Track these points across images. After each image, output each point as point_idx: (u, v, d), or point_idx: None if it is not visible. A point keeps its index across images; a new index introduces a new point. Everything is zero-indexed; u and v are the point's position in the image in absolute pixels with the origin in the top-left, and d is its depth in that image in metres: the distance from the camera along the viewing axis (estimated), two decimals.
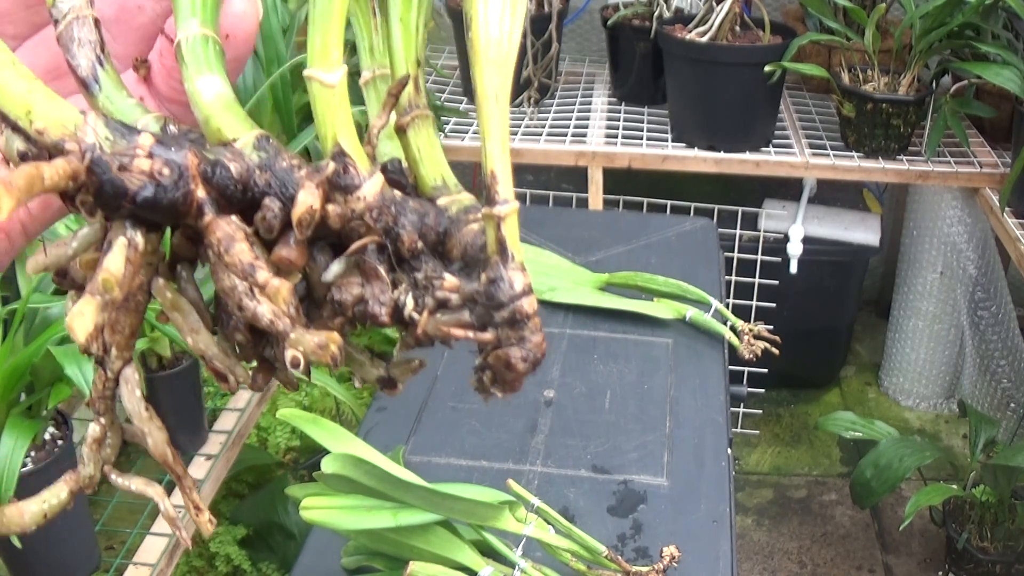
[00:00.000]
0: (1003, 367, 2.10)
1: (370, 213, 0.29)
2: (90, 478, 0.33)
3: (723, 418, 0.98)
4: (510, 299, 0.28)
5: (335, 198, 0.28)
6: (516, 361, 0.28)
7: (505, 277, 0.28)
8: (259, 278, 0.27)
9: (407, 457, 0.92)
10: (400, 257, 0.29)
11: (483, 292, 0.28)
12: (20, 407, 1.03)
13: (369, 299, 0.29)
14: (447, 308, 0.29)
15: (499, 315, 0.28)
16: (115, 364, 0.31)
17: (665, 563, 0.76)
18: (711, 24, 1.71)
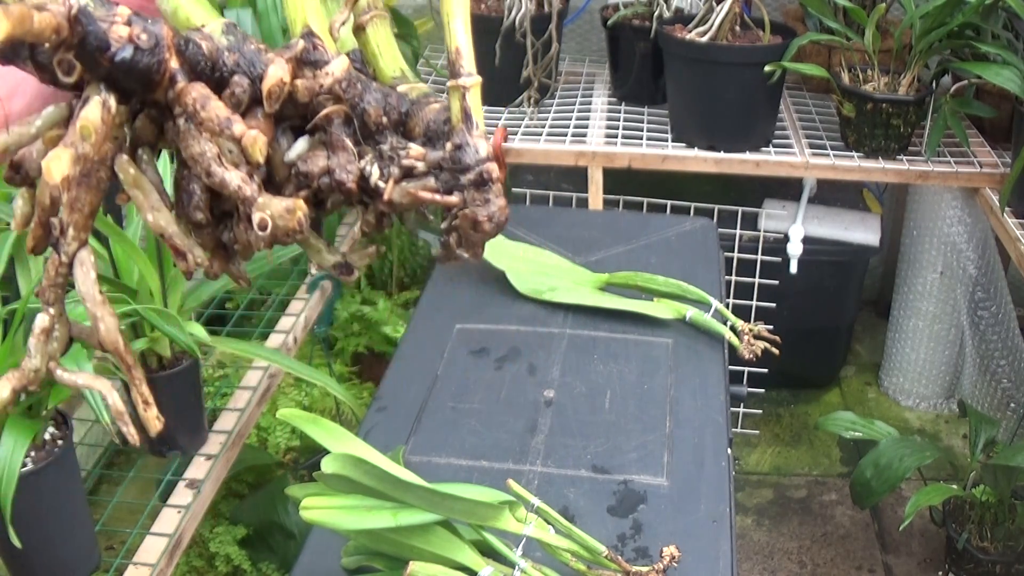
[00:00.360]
0: (1003, 367, 2.09)
1: (338, 86, 0.30)
2: (35, 372, 0.32)
3: (723, 418, 0.98)
4: (476, 162, 0.30)
5: (304, 73, 0.29)
6: (483, 220, 0.30)
7: (471, 143, 0.30)
8: (235, 130, 0.28)
9: (407, 457, 0.92)
10: (365, 133, 0.30)
11: (449, 157, 0.30)
12: (20, 407, 1.02)
13: (335, 168, 0.29)
14: (413, 176, 0.30)
15: (465, 178, 0.30)
16: (71, 246, 0.31)
17: (665, 563, 0.76)
18: (711, 24, 1.71)
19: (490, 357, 1.07)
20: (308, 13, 0.31)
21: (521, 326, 1.12)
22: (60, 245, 0.30)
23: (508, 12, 1.82)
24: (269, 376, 1.42)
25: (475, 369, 1.05)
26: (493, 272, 1.19)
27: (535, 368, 1.05)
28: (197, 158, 0.28)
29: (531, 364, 1.05)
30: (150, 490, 1.43)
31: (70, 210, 0.30)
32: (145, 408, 0.31)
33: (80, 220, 0.30)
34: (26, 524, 0.97)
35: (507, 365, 1.05)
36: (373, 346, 2.02)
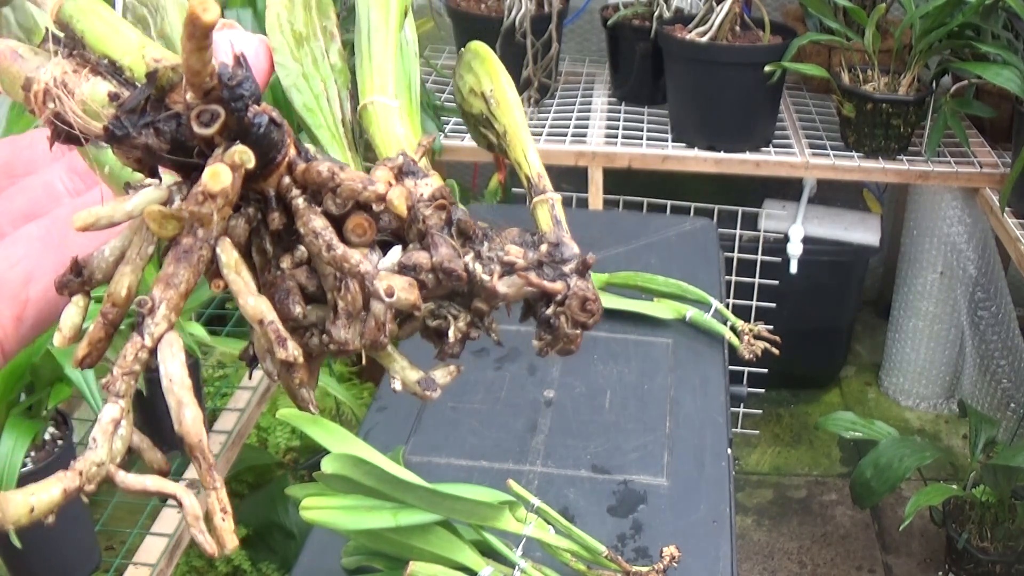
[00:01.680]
0: (1003, 367, 2.10)
1: (438, 194, 0.31)
2: (99, 466, 0.29)
3: (723, 418, 0.98)
4: (575, 255, 0.31)
5: (403, 182, 0.30)
6: (592, 298, 0.31)
7: (566, 241, 0.32)
8: (378, 188, 0.28)
9: (407, 457, 0.92)
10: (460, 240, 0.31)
11: (548, 254, 0.31)
12: (20, 407, 1.03)
13: (443, 260, 0.30)
14: (513, 271, 0.31)
15: (567, 267, 0.31)
16: (160, 326, 0.28)
17: (665, 563, 0.76)
18: (711, 24, 1.71)
19: (490, 357, 1.07)
20: (402, 140, 0.33)
21: (521, 326, 1.12)
22: (145, 326, 0.28)
23: (508, 12, 1.82)
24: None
25: (475, 369, 1.05)
26: None
27: (535, 368, 1.05)
28: (320, 231, 0.28)
29: (531, 364, 1.05)
30: None
31: (165, 287, 0.28)
32: (223, 518, 0.28)
33: (175, 299, 0.28)
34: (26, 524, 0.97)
35: (507, 365, 1.05)
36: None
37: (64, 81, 0.28)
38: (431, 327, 0.33)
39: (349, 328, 0.30)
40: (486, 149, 0.39)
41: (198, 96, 0.26)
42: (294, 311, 0.29)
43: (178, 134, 0.27)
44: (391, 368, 0.32)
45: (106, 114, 0.27)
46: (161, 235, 0.28)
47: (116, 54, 0.28)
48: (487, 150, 0.39)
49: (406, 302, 0.28)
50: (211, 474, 0.29)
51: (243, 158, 0.26)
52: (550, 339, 0.32)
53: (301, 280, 0.30)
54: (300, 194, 0.29)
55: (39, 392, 1.03)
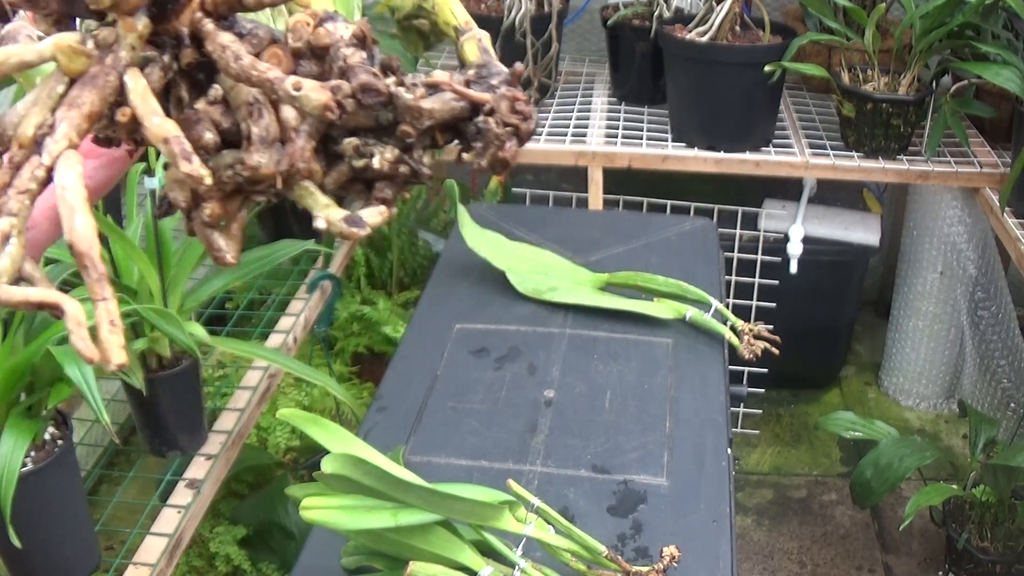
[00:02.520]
0: (1003, 367, 2.09)
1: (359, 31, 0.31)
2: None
3: (723, 418, 0.98)
4: (503, 71, 0.32)
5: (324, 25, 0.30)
6: (522, 97, 0.31)
7: (494, 62, 0.32)
8: None
9: (407, 457, 0.92)
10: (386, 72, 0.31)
11: (476, 74, 0.31)
12: (20, 407, 1.02)
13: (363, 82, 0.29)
14: (439, 89, 0.31)
15: (497, 79, 0.31)
16: (58, 144, 0.28)
17: (665, 563, 0.76)
18: (711, 24, 1.71)
19: (490, 357, 1.07)
20: None
21: (521, 326, 1.12)
22: (44, 146, 0.27)
23: (508, 12, 1.82)
24: (269, 376, 1.42)
25: (475, 369, 1.05)
26: (493, 272, 1.19)
27: (535, 368, 1.05)
28: (228, 44, 0.28)
29: (531, 364, 1.05)
30: (150, 490, 1.43)
31: (68, 107, 0.27)
32: (111, 330, 0.26)
33: (76, 119, 0.27)
34: (26, 524, 0.97)
35: (507, 365, 1.05)
36: (373, 346, 2.02)
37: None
38: (357, 168, 0.32)
39: (263, 152, 0.29)
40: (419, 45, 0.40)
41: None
42: (204, 136, 0.29)
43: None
44: (314, 205, 0.31)
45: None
46: (70, 70, 0.28)
47: None
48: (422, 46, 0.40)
49: (317, 101, 0.28)
50: (100, 285, 0.28)
51: None
52: (480, 147, 0.32)
53: (215, 117, 0.29)
54: (212, 20, 0.29)
55: (39, 392, 1.03)
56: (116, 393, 1.47)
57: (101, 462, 1.67)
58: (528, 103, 0.31)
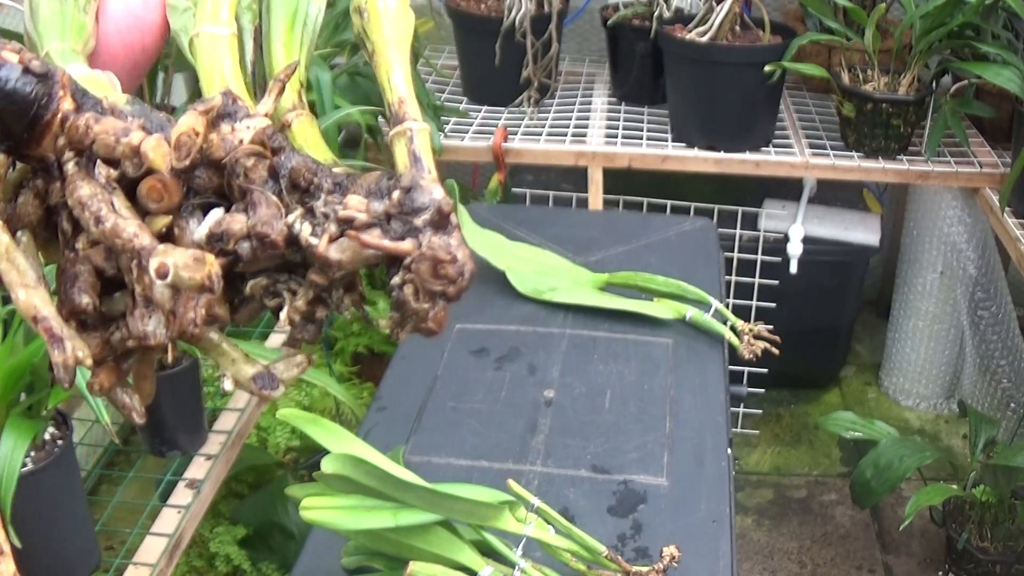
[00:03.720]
0: (1003, 367, 2.09)
1: (262, 138, 0.25)
2: None
3: (723, 418, 0.98)
4: (432, 202, 0.25)
5: (220, 128, 0.25)
6: (445, 258, 0.24)
7: (423, 184, 0.25)
8: (132, 139, 0.23)
9: (407, 457, 0.92)
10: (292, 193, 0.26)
11: (397, 203, 0.25)
12: (20, 407, 1.02)
13: (257, 223, 0.25)
14: (353, 229, 0.25)
15: (420, 219, 0.25)
16: None
17: (665, 563, 0.76)
18: (711, 24, 1.71)
19: (490, 357, 1.07)
20: (228, 75, 0.27)
21: (521, 326, 1.12)
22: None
23: (508, 12, 1.82)
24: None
25: (475, 369, 1.05)
26: (493, 272, 1.19)
27: (535, 368, 1.05)
28: (86, 202, 0.23)
29: (531, 364, 1.05)
30: (150, 490, 1.43)
31: None
32: None
33: None
34: (26, 524, 0.97)
35: (507, 365, 1.05)
36: (373, 346, 2.02)
37: None
38: (270, 307, 0.28)
39: (149, 317, 0.25)
40: None
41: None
42: (80, 302, 0.25)
43: None
44: (221, 363, 0.28)
45: None
46: None
47: None
48: None
49: (191, 282, 0.23)
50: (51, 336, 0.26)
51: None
52: (398, 317, 0.26)
53: (98, 262, 0.25)
54: (73, 156, 0.24)
55: (39, 392, 1.03)
56: None
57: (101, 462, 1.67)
58: (455, 262, 0.25)
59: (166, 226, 0.25)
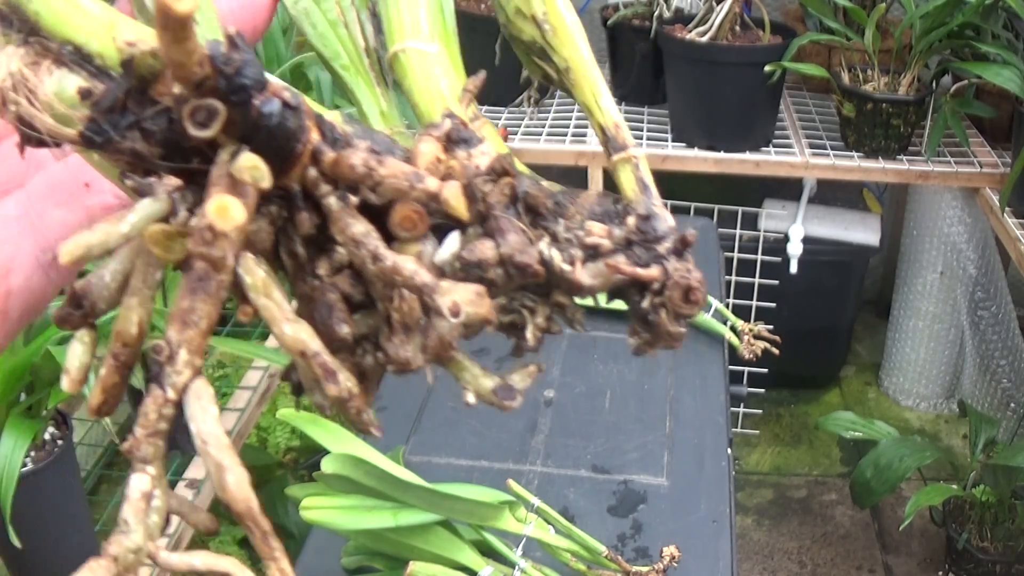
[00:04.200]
0: (1003, 367, 2.10)
1: (499, 165, 0.25)
2: (135, 552, 0.23)
3: (723, 418, 0.98)
4: (670, 229, 0.26)
5: (457, 154, 0.25)
6: (696, 286, 0.26)
7: (658, 212, 0.26)
8: (428, 184, 0.23)
9: (407, 457, 0.92)
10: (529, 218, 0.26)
11: (638, 230, 0.25)
12: (20, 407, 1.02)
13: (513, 252, 0.24)
14: (599, 256, 0.25)
15: (662, 247, 0.26)
16: (182, 375, 0.23)
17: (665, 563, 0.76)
18: (711, 24, 1.71)
19: (490, 357, 1.07)
20: (447, 95, 0.27)
21: None
22: (165, 376, 0.22)
23: None
24: (269, 376, 1.42)
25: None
26: None
27: None
28: (361, 239, 0.23)
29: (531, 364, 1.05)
30: None
31: (182, 326, 0.23)
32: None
33: (196, 339, 0.23)
34: (26, 524, 0.97)
35: (507, 364, 1.05)
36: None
37: (24, 77, 0.22)
38: (504, 323, 0.28)
39: (408, 343, 0.26)
40: (543, 81, 0.31)
41: (188, 89, 0.21)
42: (340, 331, 0.24)
43: (171, 133, 0.22)
44: (461, 377, 0.28)
45: (79, 116, 0.22)
46: (168, 259, 0.24)
47: (80, 38, 0.23)
48: (544, 82, 0.31)
49: (476, 317, 0.23)
50: (267, 542, 0.24)
51: (254, 176, 0.21)
52: (650, 337, 0.27)
53: (344, 288, 0.25)
54: (331, 191, 0.24)
55: (39, 392, 1.03)
56: None
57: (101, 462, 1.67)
58: (701, 288, 0.26)
59: (416, 254, 0.25)
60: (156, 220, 0.23)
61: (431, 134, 0.25)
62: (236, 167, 0.21)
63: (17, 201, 0.28)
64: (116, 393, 0.25)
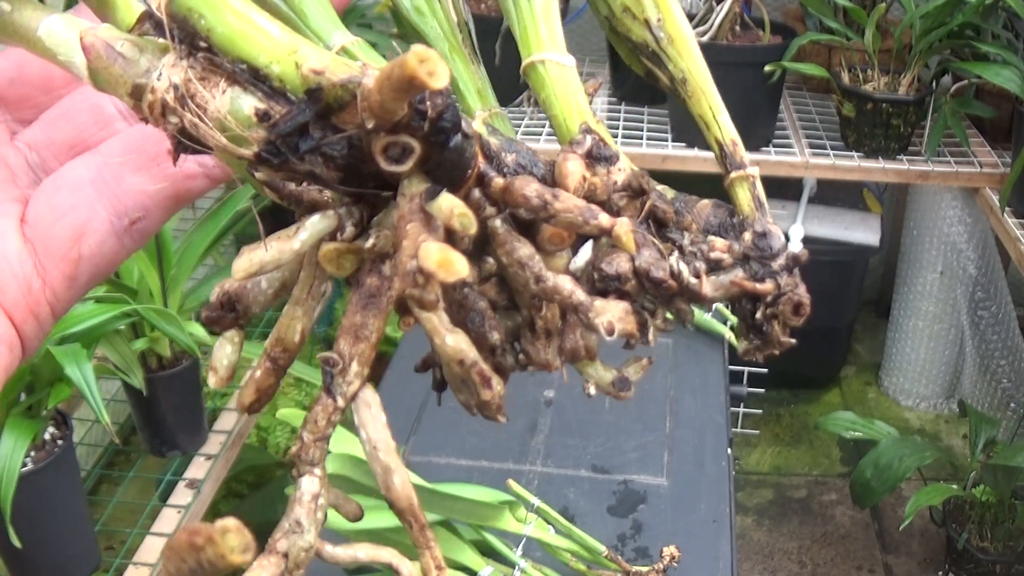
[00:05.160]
0: (1003, 367, 2.10)
1: (635, 181, 0.27)
2: (307, 550, 0.25)
3: (723, 418, 0.98)
4: (783, 247, 0.28)
5: (596, 170, 0.27)
6: (804, 300, 0.28)
7: (772, 230, 0.28)
8: (602, 221, 0.24)
9: (407, 457, 0.92)
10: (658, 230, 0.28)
11: (754, 246, 0.28)
12: (20, 407, 1.02)
13: (649, 266, 0.26)
14: (720, 269, 0.27)
15: (776, 263, 0.28)
16: (353, 384, 0.25)
17: (665, 563, 0.76)
18: (711, 24, 1.71)
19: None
20: (583, 108, 0.28)
21: None
22: (336, 386, 0.24)
23: None
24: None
25: None
26: None
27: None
28: (527, 262, 0.24)
29: None
30: (150, 490, 1.43)
31: (354, 339, 0.24)
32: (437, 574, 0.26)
33: (366, 351, 0.24)
34: (26, 524, 0.97)
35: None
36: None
37: (190, 92, 0.23)
38: None
39: (549, 347, 0.27)
40: (644, 76, 0.32)
41: (383, 125, 0.22)
42: (492, 338, 0.26)
43: (351, 159, 0.22)
44: (585, 372, 0.30)
45: (255, 137, 0.22)
46: (339, 274, 0.25)
47: (259, 60, 0.22)
48: (646, 78, 0.32)
49: (625, 332, 0.25)
50: (423, 534, 0.27)
51: (463, 223, 0.22)
52: (760, 343, 0.29)
53: (492, 296, 0.26)
54: (496, 213, 0.25)
55: (39, 392, 1.03)
56: (116, 393, 1.47)
57: (101, 462, 1.67)
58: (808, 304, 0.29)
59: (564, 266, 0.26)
60: (325, 236, 0.24)
61: (576, 152, 0.26)
62: (440, 210, 0.22)
63: (89, 164, 0.28)
64: (270, 393, 0.27)
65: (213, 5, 0.22)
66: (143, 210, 0.27)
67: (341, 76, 0.22)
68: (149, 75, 0.23)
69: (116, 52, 0.23)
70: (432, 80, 0.20)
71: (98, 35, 0.23)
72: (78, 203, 0.27)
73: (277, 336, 0.26)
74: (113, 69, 0.23)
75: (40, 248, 0.27)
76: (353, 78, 0.22)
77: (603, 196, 0.26)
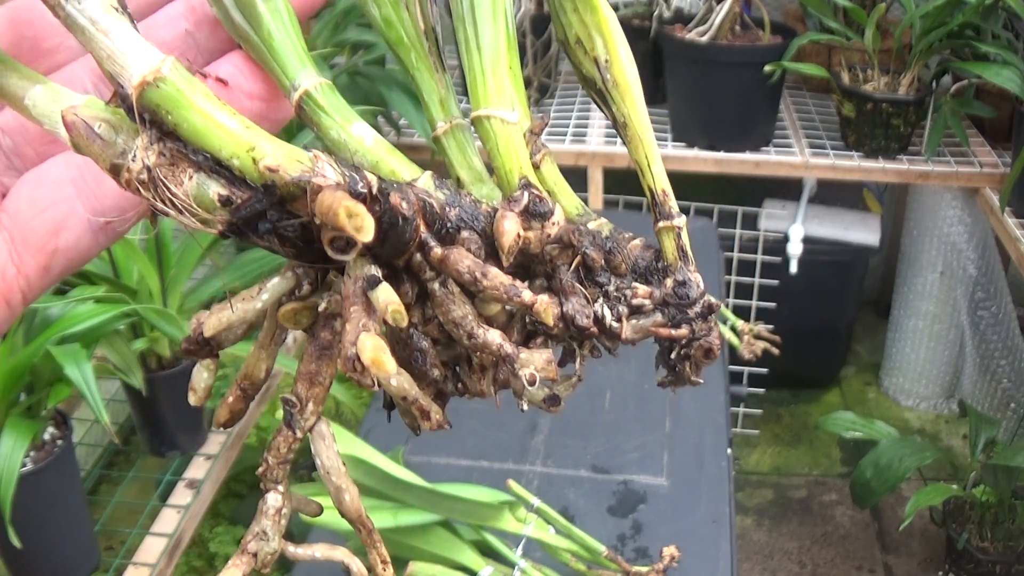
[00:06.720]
0: (1003, 367, 2.10)
1: (567, 233, 0.30)
2: (272, 554, 0.30)
3: (723, 418, 0.98)
4: (700, 295, 0.31)
5: (532, 225, 0.29)
6: (715, 347, 0.31)
7: (692, 279, 0.31)
8: (524, 298, 0.27)
9: (407, 457, 0.92)
10: (587, 275, 0.30)
11: (674, 294, 0.31)
12: (20, 407, 1.02)
13: (575, 314, 0.29)
14: (640, 314, 0.30)
15: (692, 311, 0.31)
16: (309, 421, 0.29)
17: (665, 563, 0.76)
18: (711, 24, 1.71)
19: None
20: (523, 163, 0.31)
21: None
22: (295, 421, 0.29)
23: None
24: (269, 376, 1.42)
25: None
26: None
27: None
28: (460, 322, 0.28)
29: None
30: (150, 490, 1.43)
31: (309, 384, 0.29)
32: (383, 568, 0.32)
33: (320, 394, 0.29)
34: (26, 524, 0.97)
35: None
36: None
37: (161, 176, 0.25)
38: None
39: (484, 379, 0.31)
40: (594, 99, 0.34)
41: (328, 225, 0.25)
42: (432, 374, 0.29)
43: (304, 238, 0.26)
44: (519, 392, 0.33)
45: (219, 218, 0.25)
46: (296, 328, 0.29)
47: (221, 153, 0.25)
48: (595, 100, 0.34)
49: (546, 379, 0.28)
50: (371, 536, 0.32)
51: (395, 318, 0.25)
52: (673, 379, 0.33)
53: (434, 334, 0.29)
54: (434, 277, 0.28)
55: (39, 392, 1.03)
56: (116, 393, 1.47)
57: (101, 462, 1.67)
58: (719, 349, 0.32)
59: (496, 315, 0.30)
60: (284, 294, 0.28)
61: (512, 210, 0.29)
62: (378, 301, 0.25)
63: (68, 163, 0.29)
64: (240, 414, 0.31)
65: (179, 104, 0.25)
66: (120, 211, 0.30)
67: (292, 175, 0.25)
68: (125, 156, 0.25)
69: (95, 133, 0.25)
70: (360, 235, 0.23)
71: (78, 114, 0.25)
72: (59, 199, 0.29)
73: (245, 372, 0.31)
74: (92, 148, 0.25)
75: (17, 238, 0.29)
76: (303, 177, 0.25)
77: (536, 250, 0.29)
